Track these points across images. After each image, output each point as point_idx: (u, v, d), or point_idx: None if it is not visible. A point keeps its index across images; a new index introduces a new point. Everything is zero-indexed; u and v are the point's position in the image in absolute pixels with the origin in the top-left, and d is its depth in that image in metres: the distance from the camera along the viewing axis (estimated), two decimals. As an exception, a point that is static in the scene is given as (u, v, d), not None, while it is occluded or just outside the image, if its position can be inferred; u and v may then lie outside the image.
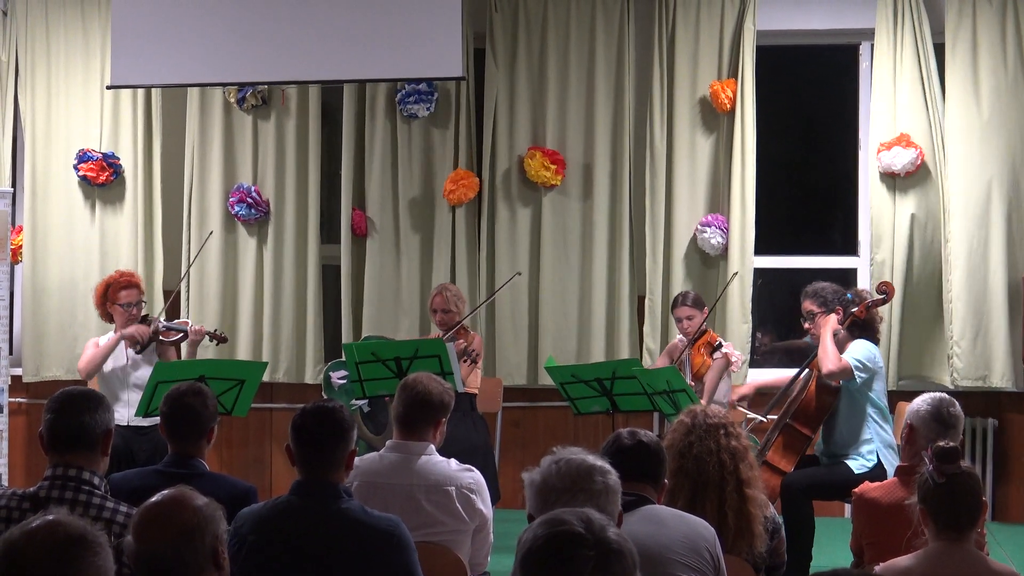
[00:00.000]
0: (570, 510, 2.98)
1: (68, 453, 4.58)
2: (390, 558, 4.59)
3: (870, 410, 7.77)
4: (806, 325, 8.10)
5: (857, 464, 7.69)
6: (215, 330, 9.08)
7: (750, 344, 10.07)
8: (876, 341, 8.02)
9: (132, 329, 8.67)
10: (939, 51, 10.03)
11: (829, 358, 7.72)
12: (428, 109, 10.27)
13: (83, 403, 4.68)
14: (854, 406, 7.80)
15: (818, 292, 8.04)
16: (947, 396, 5.70)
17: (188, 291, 10.42)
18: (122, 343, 8.73)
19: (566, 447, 4.14)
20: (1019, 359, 9.79)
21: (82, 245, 10.58)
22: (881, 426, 7.76)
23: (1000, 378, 9.84)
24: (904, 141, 9.80)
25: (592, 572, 2.81)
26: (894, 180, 9.91)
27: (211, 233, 10.29)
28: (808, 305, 8.04)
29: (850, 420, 7.80)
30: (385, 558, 4.58)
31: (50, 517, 3.21)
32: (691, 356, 8.87)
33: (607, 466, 4.05)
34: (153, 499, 3.66)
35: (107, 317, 8.88)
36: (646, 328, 10.16)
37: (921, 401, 5.67)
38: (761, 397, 8.63)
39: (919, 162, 9.85)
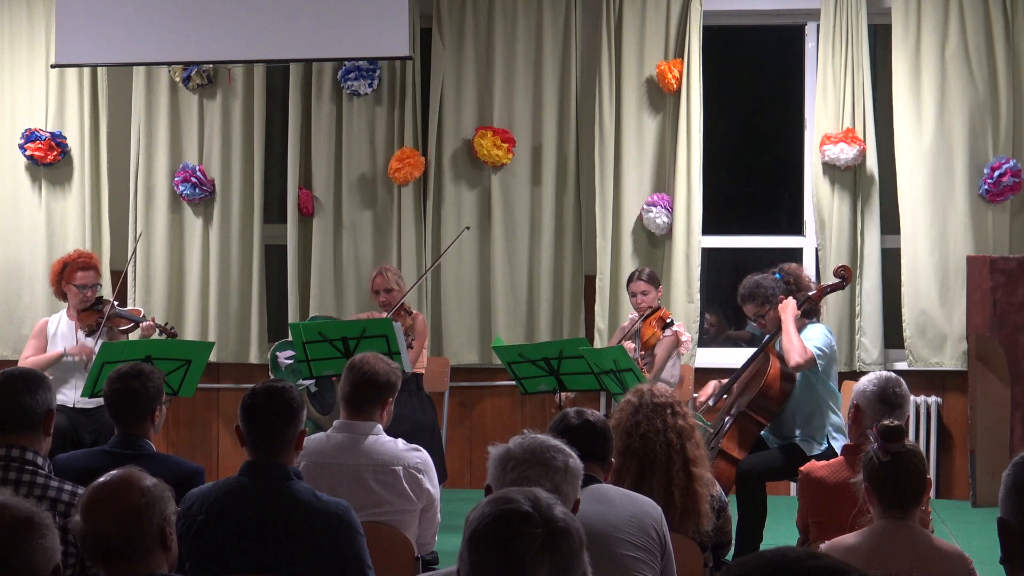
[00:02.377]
0: (518, 489, 2.98)
1: (10, 434, 4.57)
2: (339, 542, 4.59)
3: (824, 395, 7.74)
4: (757, 323, 8.01)
5: (810, 447, 7.68)
6: (166, 324, 9.05)
7: (697, 324, 10.09)
8: (818, 319, 8.00)
9: (76, 349, 8.62)
10: (887, 32, 10.09)
11: (796, 350, 7.54)
12: (370, 86, 10.23)
13: (23, 384, 4.67)
14: (810, 391, 7.72)
15: (755, 293, 7.85)
16: (893, 376, 5.72)
17: (135, 272, 10.36)
18: (73, 324, 8.71)
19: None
20: (962, 339, 9.86)
21: (28, 225, 10.51)
22: (833, 410, 7.73)
23: (946, 358, 9.93)
24: (849, 137, 9.84)
25: (539, 551, 2.81)
26: (834, 170, 9.96)
27: (140, 235, 10.29)
28: (751, 309, 7.87)
29: (804, 405, 7.73)
30: (334, 542, 4.58)
31: None
32: (642, 329, 8.89)
33: (572, 451, 4.04)
34: (102, 479, 3.65)
35: (61, 295, 8.86)
36: (596, 308, 10.15)
37: (867, 381, 5.70)
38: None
39: (861, 157, 9.91)
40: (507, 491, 2.96)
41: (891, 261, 10.06)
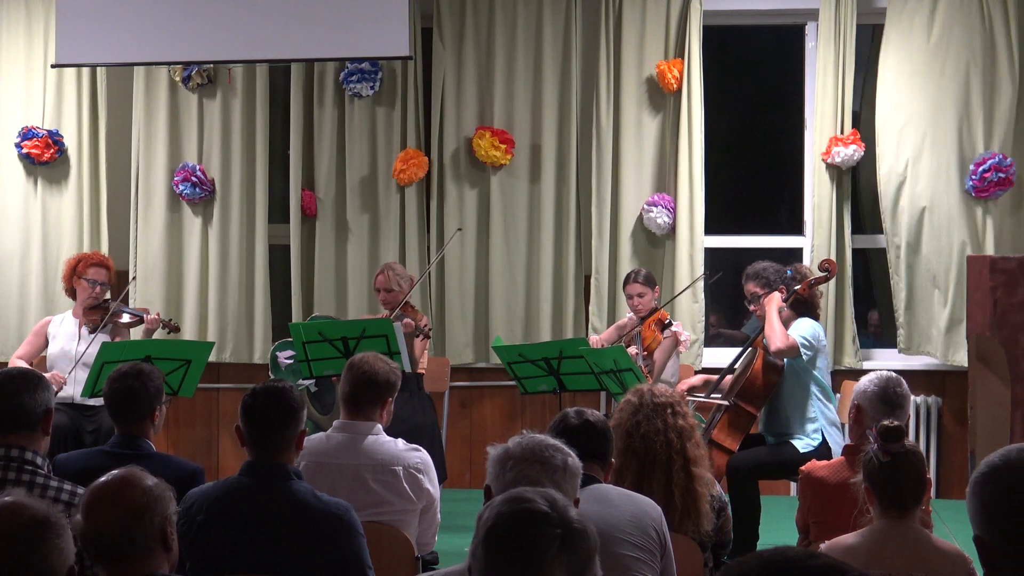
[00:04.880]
0: (532, 489, 2.98)
1: (9, 434, 4.57)
2: (339, 543, 4.59)
3: (814, 388, 7.80)
4: (751, 307, 8.12)
5: (802, 443, 7.71)
6: (170, 319, 9.10)
7: (702, 323, 10.09)
8: (816, 317, 8.05)
9: (49, 376, 8.48)
10: (881, 32, 10.10)
11: (776, 336, 7.73)
12: (372, 88, 10.23)
13: (22, 383, 4.67)
14: (798, 384, 7.82)
15: (760, 273, 8.04)
16: (894, 375, 5.73)
17: (135, 271, 10.35)
18: (77, 322, 8.74)
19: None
20: (962, 338, 9.86)
21: (22, 224, 10.50)
22: (825, 404, 7.79)
23: (939, 360, 9.93)
24: (855, 139, 9.85)
25: (558, 551, 2.81)
26: (831, 169, 9.97)
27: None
28: (752, 287, 8.05)
29: (794, 398, 7.82)
30: (334, 542, 4.58)
31: (9, 499, 3.20)
32: (642, 332, 8.88)
33: (571, 451, 4.04)
34: (103, 478, 3.66)
35: (71, 293, 8.87)
36: (592, 307, 10.16)
37: (868, 381, 5.70)
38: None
39: (862, 154, 9.92)
40: (522, 490, 2.96)
41: (884, 260, 10.07)
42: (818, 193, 10.03)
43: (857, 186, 10.25)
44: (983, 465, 2.96)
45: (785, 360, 7.83)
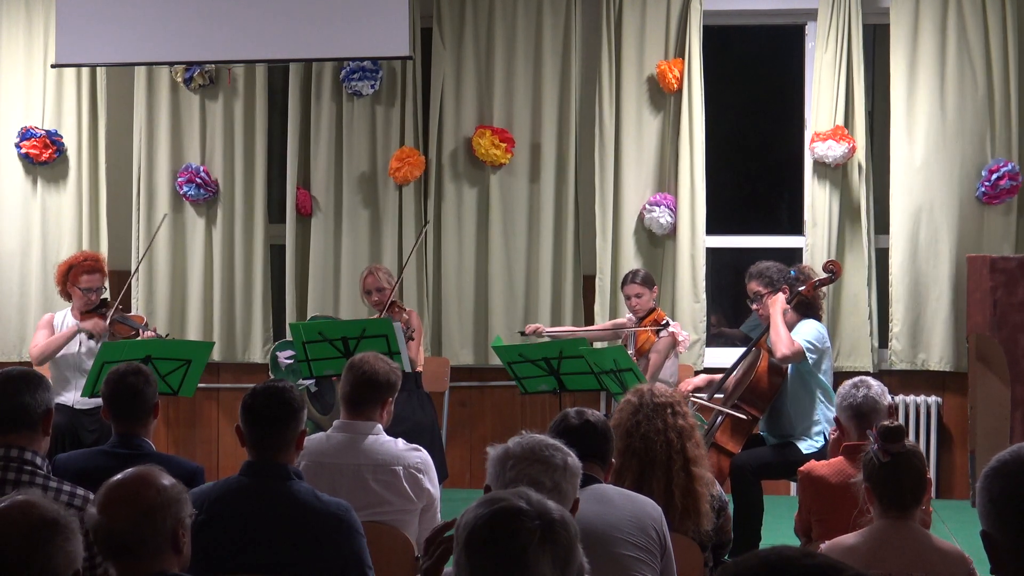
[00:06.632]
0: (506, 490, 2.98)
1: (9, 434, 4.56)
2: (339, 542, 4.59)
3: (818, 391, 7.78)
4: (754, 306, 8.09)
5: (805, 445, 7.69)
6: (167, 334, 9.08)
7: (704, 323, 10.08)
8: (819, 318, 8.03)
9: (90, 324, 8.63)
10: (885, 32, 10.09)
11: (783, 341, 7.66)
12: (373, 87, 10.23)
13: (22, 383, 4.66)
14: (803, 387, 7.78)
15: (763, 272, 8.00)
16: (863, 380, 5.78)
17: (137, 273, 10.34)
18: (76, 324, 8.72)
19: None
20: (962, 339, 9.85)
21: (21, 224, 10.49)
22: (828, 406, 7.74)
23: (939, 360, 9.91)
24: (838, 134, 9.84)
25: (539, 543, 2.81)
26: (827, 168, 9.95)
27: (165, 216, 10.22)
28: (754, 286, 8.01)
29: (798, 401, 7.79)
30: (334, 543, 4.58)
31: (20, 498, 3.20)
32: (637, 333, 8.87)
33: (571, 451, 4.04)
34: (120, 475, 3.67)
35: (66, 296, 8.86)
36: (596, 307, 10.15)
37: (840, 396, 5.77)
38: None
39: (851, 154, 9.90)
40: (495, 492, 2.96)
41: (885, 260, 10.06)
42: (818, 193, 10.02)
43: (884, 186, 10.18)
44: (993, 460, 2.97)
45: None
